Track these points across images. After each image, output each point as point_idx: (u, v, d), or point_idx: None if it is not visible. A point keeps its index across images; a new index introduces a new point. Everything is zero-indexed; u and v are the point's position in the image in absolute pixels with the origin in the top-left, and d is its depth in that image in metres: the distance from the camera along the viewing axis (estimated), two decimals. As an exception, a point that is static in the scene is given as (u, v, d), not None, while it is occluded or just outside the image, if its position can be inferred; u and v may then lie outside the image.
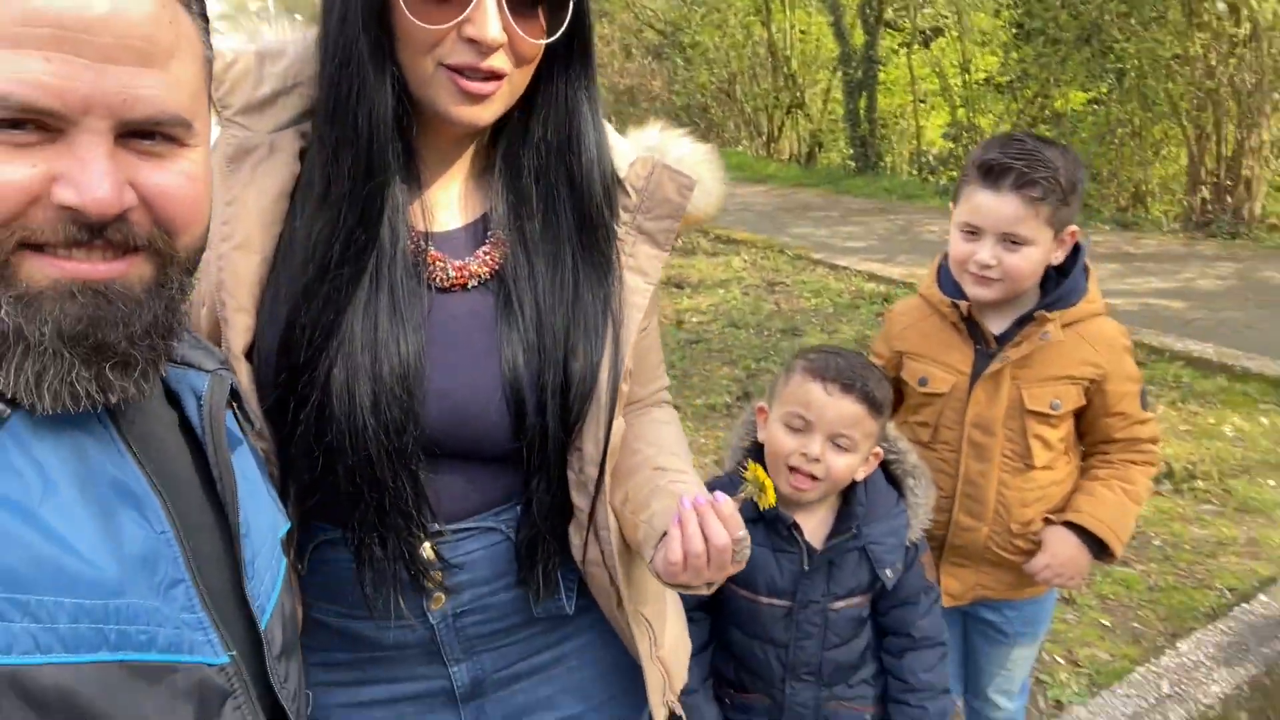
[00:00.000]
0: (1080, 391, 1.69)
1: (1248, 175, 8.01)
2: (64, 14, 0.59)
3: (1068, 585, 1.78)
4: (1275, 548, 3.20)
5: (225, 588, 0.75)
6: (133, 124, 0.62)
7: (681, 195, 1.06)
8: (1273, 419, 4.17)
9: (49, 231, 0.61)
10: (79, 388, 0.63)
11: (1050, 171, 1.56)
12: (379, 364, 0.94)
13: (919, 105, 12.32)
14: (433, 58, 0.91)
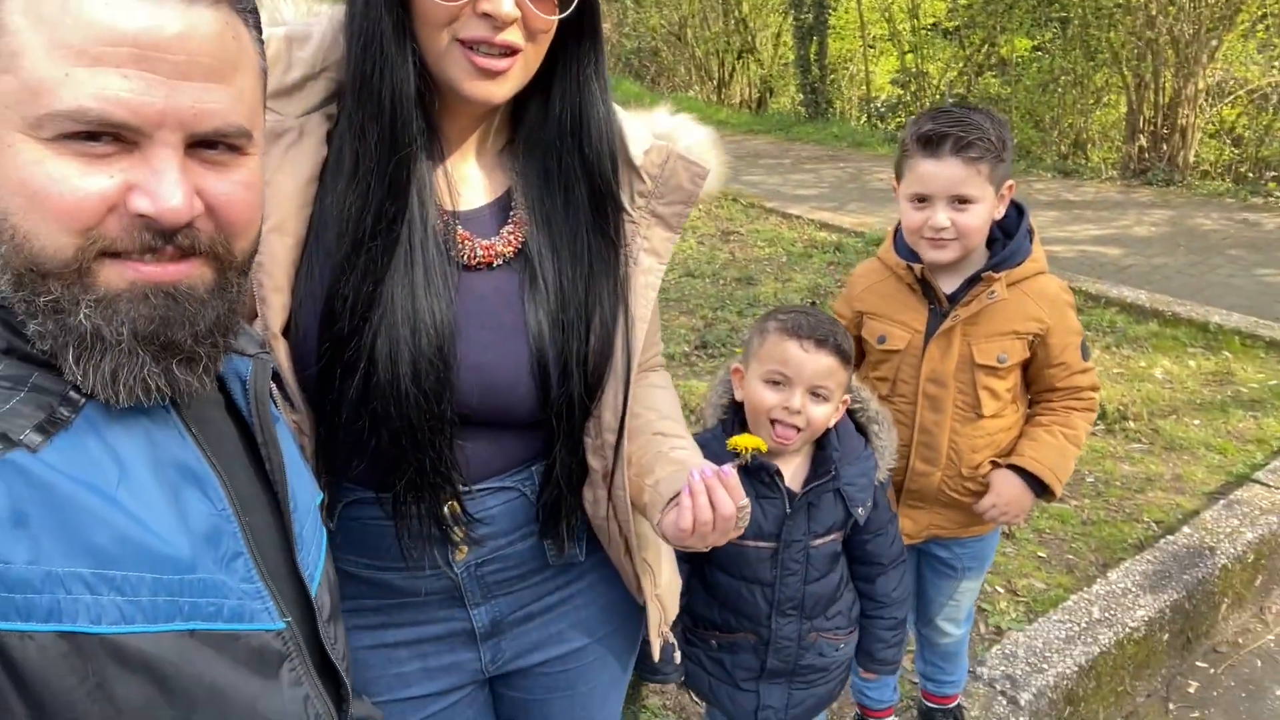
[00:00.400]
0: (1025, 345, 1.82)
1: (1183, 124, 8.25)
2: (141, 34, 0.63)
3: (1012, 522, 1.93)
4: (1198, 483, 3.43)
5: (278, 559, 0.81)
6: (201, 135, 0.67)
7: (694, 183, 1.13)
8: (1199, 362, 4.41)
9: (126, 240, 0.66)
10: (150, 383, 0.69)
11: (982, 132, 1.68)
12: (418, 335, 1.00)
13: (868, 51, 12.35)
14: (448, 32, 0.95)
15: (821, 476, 1.61)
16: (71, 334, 0.66)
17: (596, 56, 1.07)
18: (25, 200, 0.64)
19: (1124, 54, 8.58)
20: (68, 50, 0.62)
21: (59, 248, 0.65)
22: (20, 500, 0.63)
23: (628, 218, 1.13)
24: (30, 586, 0.62)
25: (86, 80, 0.62)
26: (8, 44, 0.63)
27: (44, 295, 0.66)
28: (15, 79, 0.63)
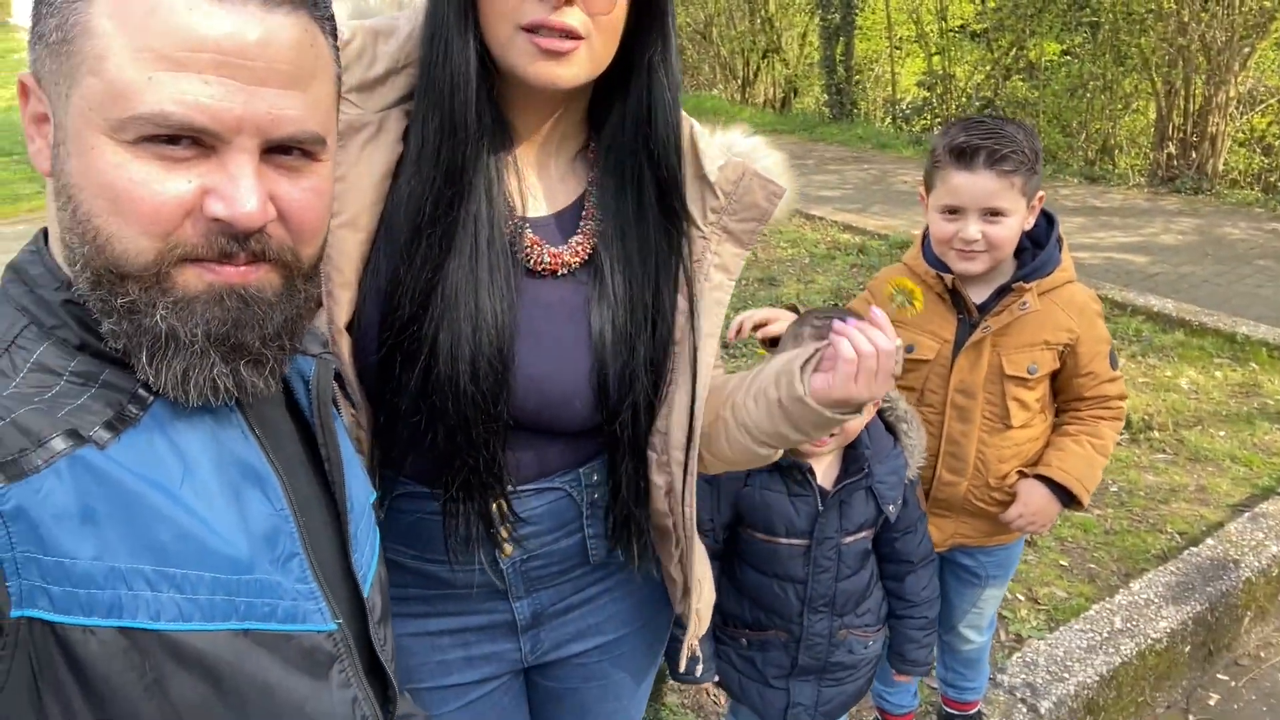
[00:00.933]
0: (1055, 355, 1.82)
1: (1213, 131, 8.16)
2: (223, 40, 0.64)
3: (1038, 532, 1.94)
4: (1223, 494, 3.41)
5: (332, 559, 0.82)
6: (276, 141, 0.68)
7: (770, 201, 1.12)
8: (1225, 373, 4.37)
9: (203, 247, 0.67)
10: (219, 383, 0.70)
11: (1016, 145, 1.68)
12: (479, 333, 1.00)
13: (895, 52, 12.29)
14: (510, 20, 0.95)
15: (854, 474, 1.63)
16: (146, 334, 0.67)
17: (664, 43, 1.05)
18: (108, 203, 0.65)
19: (1154, 60, 8.50)
20: (151, 54, 0.63)
21: (140, 251, 0.66)
22: (88, 496, 0.64)
23: (699, 233, 1.12)
24: (94, 582, 0.64)
25: (168, 84, 0.63)
26: (94, 47, 0.64)
27: (121, 297, 0.67)
28: (100, 81, 0.64)
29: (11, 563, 0.61)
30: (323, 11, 0.72)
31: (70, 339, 0.70)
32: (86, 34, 0.64)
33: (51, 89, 0.67)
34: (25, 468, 0.62)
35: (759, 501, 1.64)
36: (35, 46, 0.68)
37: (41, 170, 0.71)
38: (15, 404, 0.65)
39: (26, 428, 0.63)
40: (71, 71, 0.65)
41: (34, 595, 0.62)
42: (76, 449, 0.65)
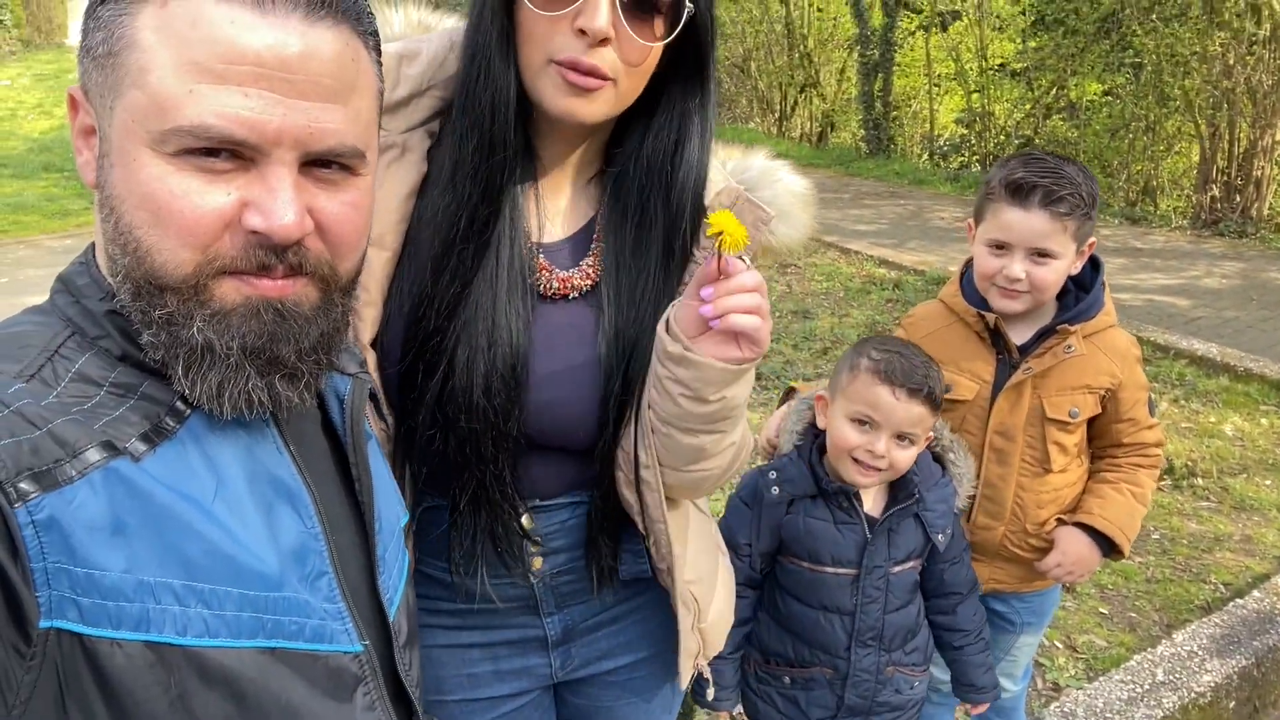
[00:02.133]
0: (1097, 400, 1.78)
1: (1258, 175, 8.05)
2: (264, 53, 0.64)
3: (1077, 581, 1.88)
4: (1269, 546, 3.30)
5: (360, 580, 0.81)
6: (315, 154, 0.68)
7: (756, 226, 1.10)
8: (1272, 420, 4.27)
9: (242, 260, 0.67)
10: (254, 396, 0.69)
11: (1074, 188, 1.63)
12: (494, 349, 1.01)
13: (933, 89, 12.30)
14: (545, 52, 0.96)
15: (903, 501, 1.59)
16: (183, 346, 0.67)
17: (703, 94, 1.05)
18: (149, 215, 0.65)
19: (1198, 102, 8.42)
20: (194, 67, 0.63)
21: (179, 263, 0.66)
22: (120, 509, 0.64)
23: (691, 260, 1.12)
24: (123, 595, 0.63)
25: (209, 97, 0.63)
26: (138, 60, 0.64)
27: (160, 308, 0.67)
28: (143, 94, 0.64)
29: (43, 573, 0.61)
30: (366, 26, 0.72)
31: (113, 349, 0.70)
32: (131, 47, 0.65)
33: (98, 102, 0.68)
34: (59, 478, 0.62)
35: (803, 529, 1.60)
36: (84, 60, 0.69)
37: (88, 182, 0.71)
38: (54, 414, 0.64)
39: (63, 438, 0.63)
40: (116, 84, 0.66)
41: (64, 606, 0.62)
42: (111, 460, 0.65)
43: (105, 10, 0.66)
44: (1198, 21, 8.10)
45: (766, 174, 1.16)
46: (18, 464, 0.61)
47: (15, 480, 0.60)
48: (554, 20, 0.95)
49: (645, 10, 0.96)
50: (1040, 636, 2.09)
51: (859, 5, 11.90)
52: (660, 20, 0.97)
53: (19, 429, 0.62)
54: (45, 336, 0.70)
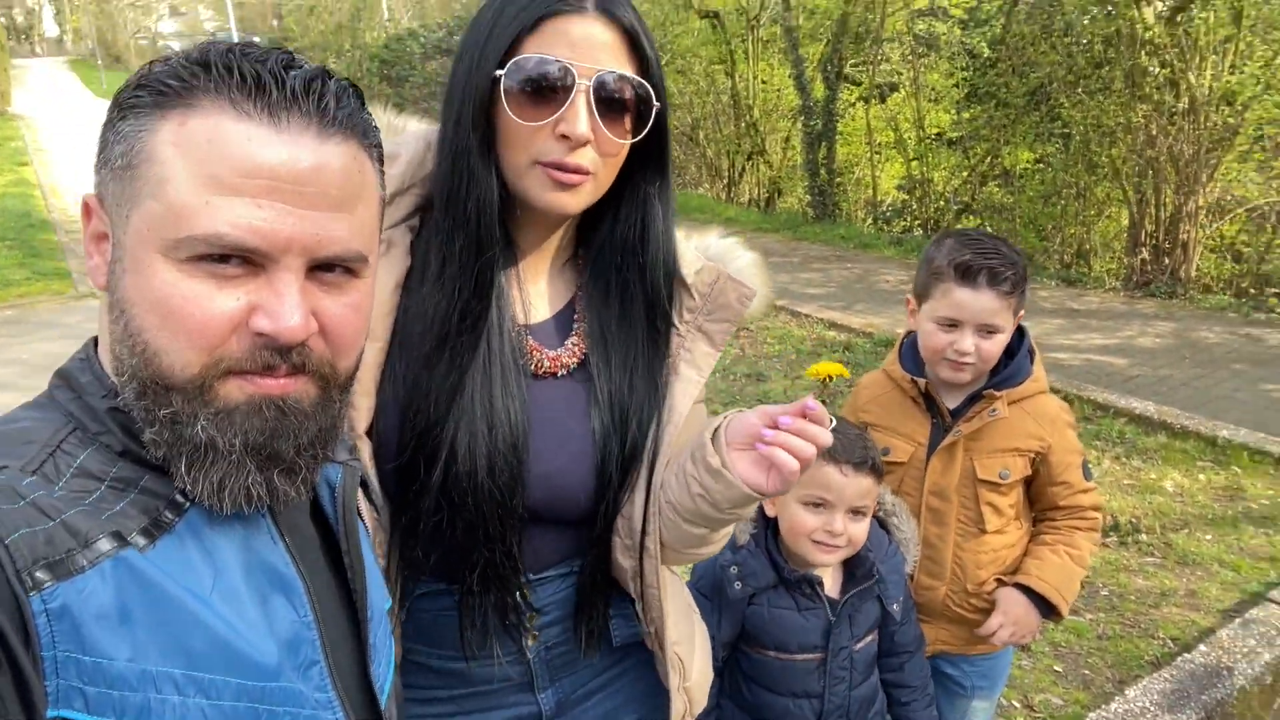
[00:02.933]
0: (1027, 462, 1.87)
1: (1184, 238, 8.43)
2: (278, 168, 0.67)
3: (1019, 642, 1.93)
4: (1213, 599, 3.40)
5: (350, 669, 0.82)
6: (321, 260, 0.71)
7: (741, 303, 1.19)
8: (1209, 476, 4.42)
9: (247, 361, 0.69)
10: (253, 491, 0.71)
11: (1013, 267, 1.75)
12: (494, 431, 1.05)
13: (875, 157, 12.72)
14: (529, 154, 1.02)
15: (863, 581, 1.63)
16: (186, 444, 0.69)
17: (662, 178, 1.13)
18: (160, 318, 0.67)
19: (1125, 170, 8.83)
20: (210, 180, 0.66)
21: (186, 364, 0.68)
22: (127, 598, 0.65)
23: (675, 330, 1.19)
24: (127, 684, 0.64)
25: (224, 208, 0.66)
26: (156, 172, 0.67)
27: (165, 408, 0.69)
28: (160, 204, 0.67)
29: (52, 661, 0.62)
30: (372, 139, 0.76)
31: (113, 445, 0.72)
32: (150, 160, 0.68)
33: (114, 210, 0.70)
34: (72, 567, 0.63)
35: (768, 619, 1.62)
36: (101, 171, 0.72)
37: (97, 285, 0.73)
38: (65, 505, 0.66)
39: (75, 528, 0.65)
40: (134, 195, 0.68)
41: (70, 695, 0.62)
42: (120, 550, 0.66)
43: (126, 125, 0.69)
44: (1121, 95, 8.55)
45: (728, 250, 1.23)
46: (34, 553, 0.62)
47: (32, 569, 0.62)
48: (537, 128, 1.01)
49: (617, 110, 1.03)
50: (993, 702, 2.11)
51: (801, 78, 12.33)
52: (629, 117, 1.05)
53: (34, 519, 0.64)
54: (47, 432, 0.71)
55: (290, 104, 0.68)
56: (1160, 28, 8.21)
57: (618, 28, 1.02)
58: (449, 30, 18.53)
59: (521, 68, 0.99)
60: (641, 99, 1.04)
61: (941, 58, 11.89)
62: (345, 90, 0.73)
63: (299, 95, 0.69)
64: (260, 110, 0.68)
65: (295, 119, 0.69)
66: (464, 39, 1.07)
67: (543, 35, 1.00)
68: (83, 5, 57.14)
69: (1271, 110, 7.90)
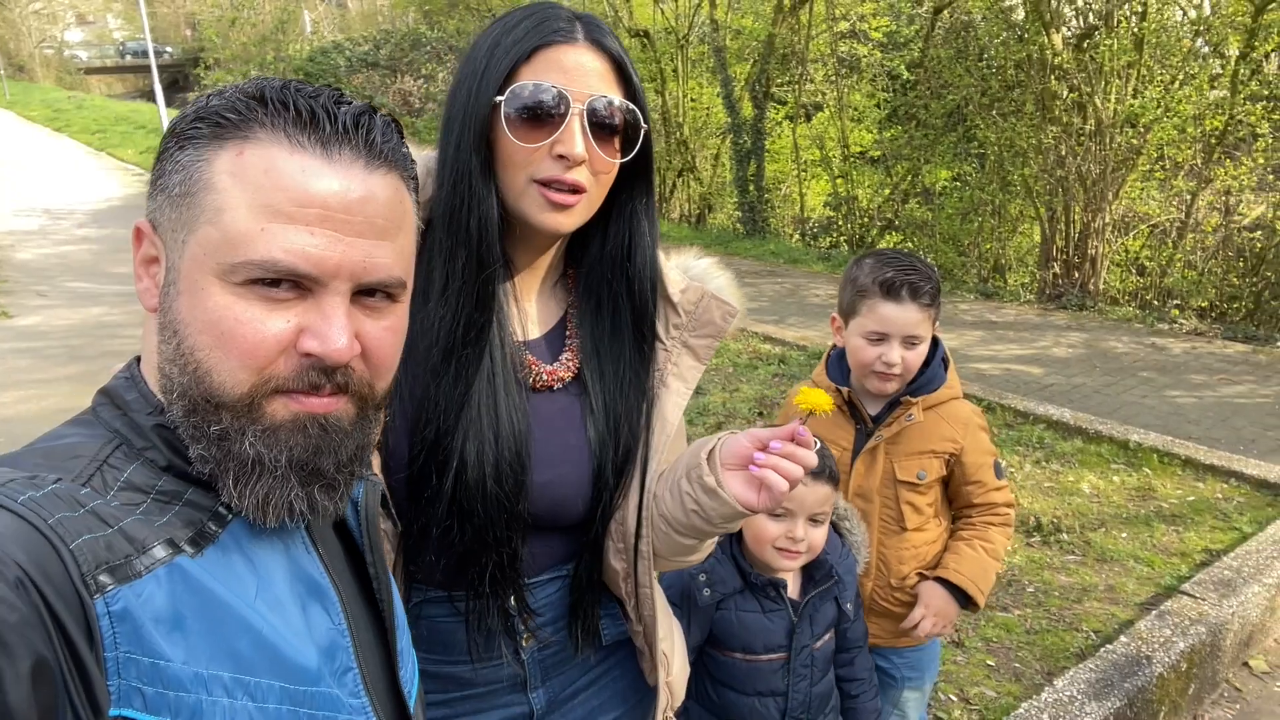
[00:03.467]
0: (942, 464, 2.00)
1: (1093, 253, 8.88)
2: (330, 198, 0.71)
3: (941, 633, 2.06)
4: (1130, 594, 3.61)
5: (380, 675, 0.86)
6: (366, 285, 0.75)
7: (725, 320, 1.26)
8: (1123, 477, 4.67)
9: (294, 380, 0.73)
10: (295, 506, 0.74)
11: (931, 281, 1.90)
12: (500, 440, 1.10)
13: (802, 174, 13.05)
14: (527, 174, 1.08)
15: (822, 583, 1.72)
16: (234, 460, 0.72)
17: (647, 195, 1.20)
18: (213, 339, 0.71)
19: (1037, 188, 9.27)
20: (266, 209, 0.70)
21: (236, 383, 0.71)
22: (180, 603, 0.68)
23: (661, 345, 1.25)
24: (182, 685, 0.67)
25: (279, 235, 0.70)
26: (214, 201, 0.71)
27: (214, 424, 0.72)
28: (217, 230, 0.70)
29: (114, 662, 0.65)
30: (410, 172, 0.81)
31: (158, 460, 0.74)
32: (208, 189, 0.71)
33: (168, 235, 0.74)
34: (130, 573, 0.67)
35: (736, 623, 1.70)
36: (156, 197, 0.75)
37: (148, 307, 0.76)
38: (121, 514, 0.69)
39: (132, 535, 0.68)
40: (191, 221, 0.72)
41: (130, 695, 0.65)
42: (174, 557, 0.69)
43: (185, 155, 0.73)
44: (1032, 117, 8.98)
45: (707, 271, 1.30)
46: (96, 558, 0.65)
47: (95, 573, 0.65)
48: (535, 149, 1.07)
49: (608, 131, 1.10)
50: (925, 693, 2.22)
51: (730, 97, 12.59)
52: (618, 138, 1.12)
53: (95, 526, 0.67)
54: (94, 447, 0.74)
55: (342, 138, 0.72)
56: (1068, 53, 8.66)
57: (606, 56, 1.09)
58: (375, 44, 18.32)
59: (519, 94, 1.06)
60: (630, 122, 1.11)
61: (863, 79, 12.30)
62: (389, 125, 0.78)
63: (349, 130, 0.73)
64: (314, 143, 0.72)
65: (346, 152, 0.73)
66: (460, 70, 1.12)
67: (537, 64, 1.07)
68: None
69: (1171, 132, 8.40)
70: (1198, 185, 8.80)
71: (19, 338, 7.23)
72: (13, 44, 50.42)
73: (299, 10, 25.93)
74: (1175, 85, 8.39)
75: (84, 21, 64.79)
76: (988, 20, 9.92)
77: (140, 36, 39.45)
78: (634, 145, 1.12)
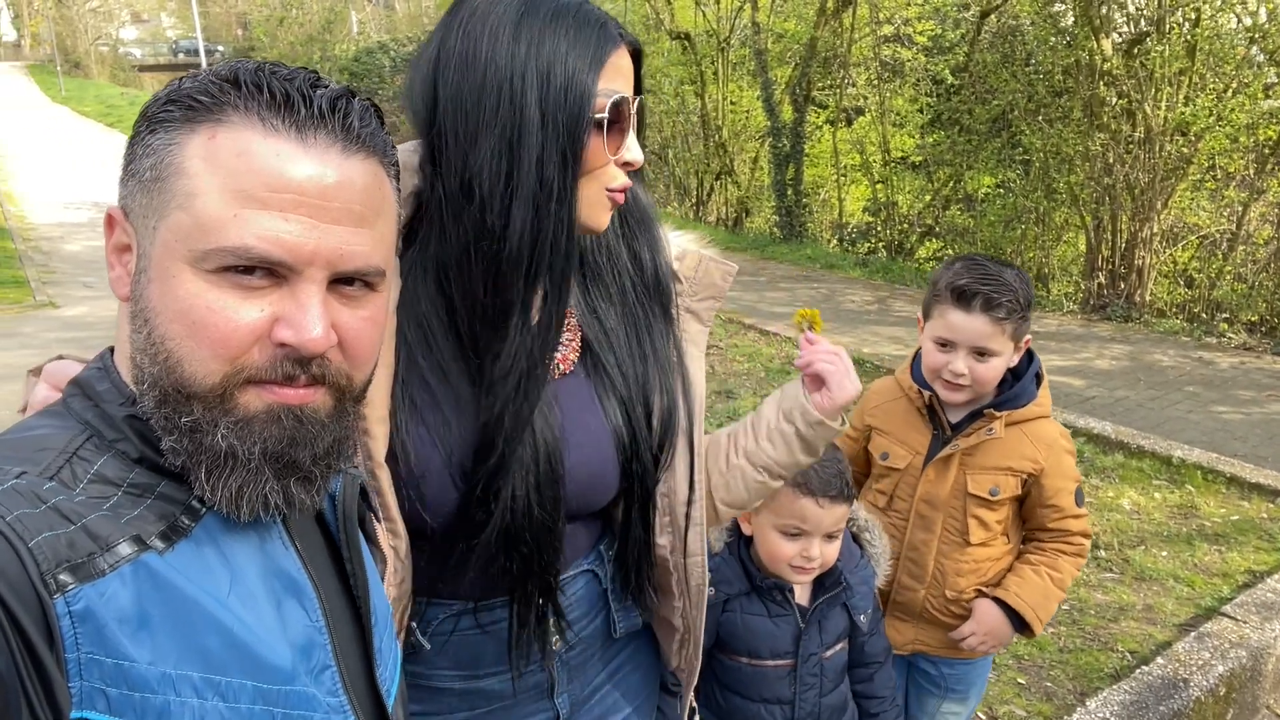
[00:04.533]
0: (1019, 482, 1.92)
1: (1139, 264, 8.67)
2: (305, 183, 0.69)
3: (988, 652, 1.99)
4: (1169, 614, 3.50)
5: (358, 673, 0.84)
6: (342, 273, 0.73)
7: (725, 280, 1.27)
8: (1164, 494, 4.55)
9: (268, 370, 0.71)
10: (270, 499, 0.72)
11: (1012, 294, 1.80)
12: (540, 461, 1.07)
13: (841, 179, 12.92)
14: (600, 183, 1.04)
15: (831, 589, 1.67)
16: (206, 452, 0.70)
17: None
18: (184, 328, 0.69)
19: (1083, 196, 9.07)
20: (239, 194, 0.68)
21: (208, 373, 0.69)
22: (146, 601, 0.66)
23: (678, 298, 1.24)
24: (148, 686, 0.65)
25: (252, 221, 0.68)
26: (185, 186, 0.69)
27: (185, 415, 0.70)
28: (188, 216, 0.69)
29: (76, 663, 0.63)
30: (390, 158, 0.79)
31: (130, 452, 0.73)
32: (179, 174, 0.70)
33: (139, 221, 0.72)
34: (93, 571, 0.65)
35: (741, 626, 1.66)
36: (128, 183, 0.73)
37: (120, 296, 0.74)
38: (86, 510, 0.67)
39: (96, 532, 0.66)
40: (162, 206, 0.70)
41: (93, 697, 0.64)
42: (140, 554, 0.67)
43: (155, 139, 0.71)
44: (1079, 124, 8.79)
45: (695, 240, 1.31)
46: (57, 556, 0.63)
47: (55, 572, 0.63)
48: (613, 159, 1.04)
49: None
50: (967, 708, 2.17)
51: (770, 100, 12.50)
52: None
53: (56, 523, 0.65)
54: (63, 439, 0.72)
55: (317, 122, 0.71)
56: (1118, 59, 8.48)
57: (634, 55, 1.07)
58: (419, 45, 18.52)
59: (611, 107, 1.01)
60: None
61: (906, 83, 12.14)
62: (368, 110, 0.76)
63: (325, 113, 0.71)
64: (288, 127, 0.70)
65: (321, 136, 0.71)
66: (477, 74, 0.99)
67: (607, 72, 1.02)
68: (42, 10, 56.21)
69: (1223, 141, 8.18)
70: (1249, 196, 8.56)
71: (65, 328, 7.38)
72: (70, 41, 51.74)
73: (346, 11, 26.29)
74: (1228, 94, 8.16)
75: (139, 20, 66.30)
76: (1036, 25, 9.74)
77: (193, 35, 40.27)
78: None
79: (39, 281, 9.18)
